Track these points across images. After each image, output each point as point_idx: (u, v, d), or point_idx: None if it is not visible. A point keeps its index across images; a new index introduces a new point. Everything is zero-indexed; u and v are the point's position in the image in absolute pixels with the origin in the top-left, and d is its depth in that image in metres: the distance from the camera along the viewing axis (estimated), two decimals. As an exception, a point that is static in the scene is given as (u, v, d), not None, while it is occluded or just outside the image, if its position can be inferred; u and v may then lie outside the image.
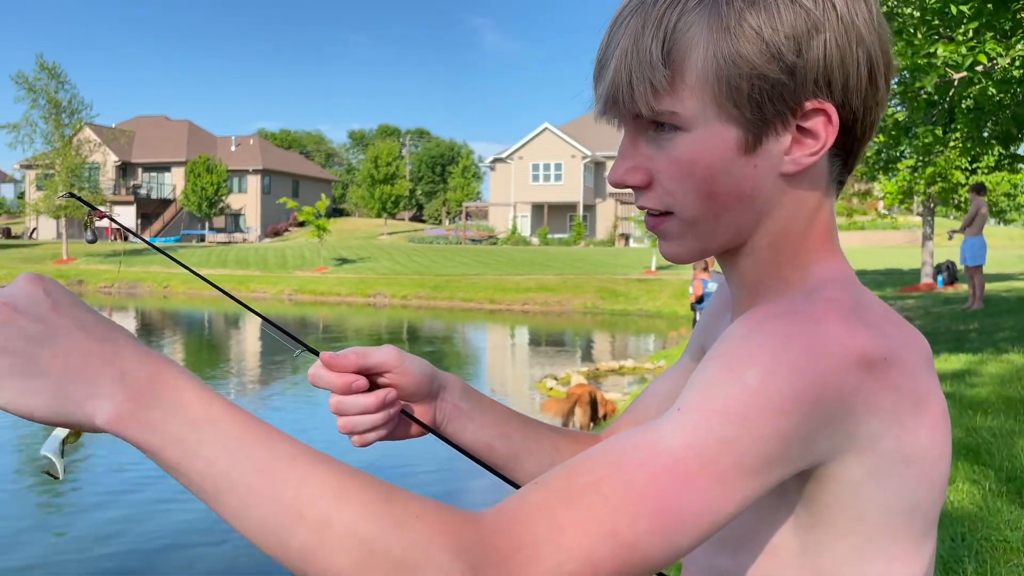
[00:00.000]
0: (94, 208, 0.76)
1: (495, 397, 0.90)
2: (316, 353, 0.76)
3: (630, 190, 0.70)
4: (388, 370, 0.78)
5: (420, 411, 0.82)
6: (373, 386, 0.78)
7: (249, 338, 19.98)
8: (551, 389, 11.42)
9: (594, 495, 0.53)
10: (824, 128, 0.63)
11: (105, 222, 0.80)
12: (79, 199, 0.80)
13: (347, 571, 0.49)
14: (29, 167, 48.57)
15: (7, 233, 52.42)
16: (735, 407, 0.54)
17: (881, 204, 24.81)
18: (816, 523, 0.61)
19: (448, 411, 0.83)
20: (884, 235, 43.66)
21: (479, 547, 0.50)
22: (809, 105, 0.62)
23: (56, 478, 0.57)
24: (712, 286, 10.21)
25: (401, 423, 0.81)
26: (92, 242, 0.67)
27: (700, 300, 10.19)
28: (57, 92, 36.88)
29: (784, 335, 0.57)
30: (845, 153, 0.67)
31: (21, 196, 56.92)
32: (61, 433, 0.56)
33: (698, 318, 10.32)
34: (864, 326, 0.59)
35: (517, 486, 0.81)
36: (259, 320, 0.84)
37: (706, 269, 10.53)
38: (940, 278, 18.49)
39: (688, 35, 0.61)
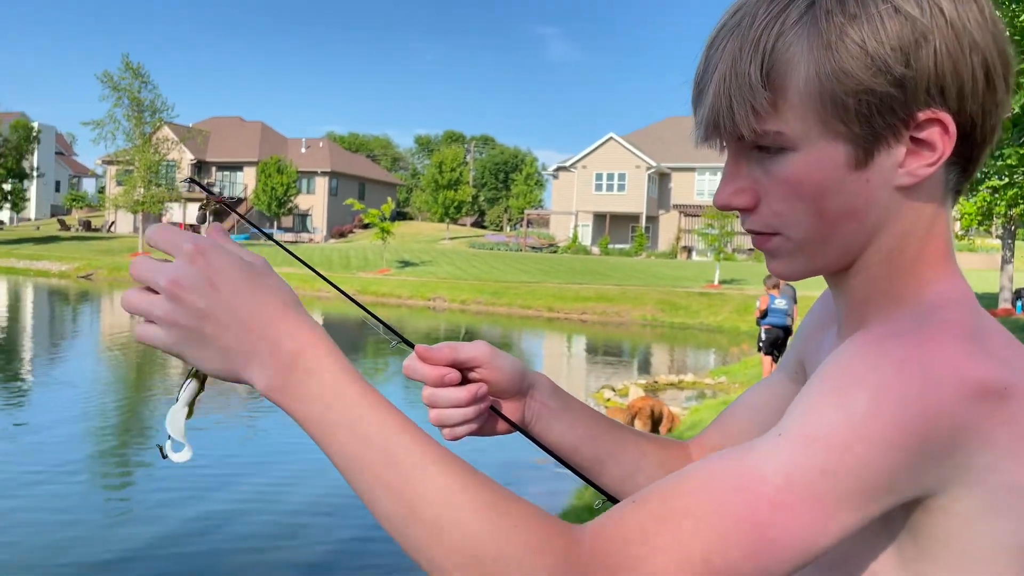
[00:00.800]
0: (211, 193, 0.79)
1: None
2: (411, 345, 0.77)
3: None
4: (480, 365, 0.78)
5: (509, 408, 0.81)
6: (465, 381, 0.78)
7: (335, 332, 20.32)
8: (608, 400, 11.31)
9: (689, 520, 0.53)
10: (940, 138, 0.60)
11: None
12: (199, 184, 0.82)
13: (451, 572, 0.53)
14: (110, 163, 50.59)
15: (87, 226, 54.67)
16: (838, 436, 0.53)
17: (958, 225, 23.91)
18: (921, 555, 0.59)
19: (537, 409, 0.82)
20: (961, 257, 42.11)
21: (576, 567, 0.52)
22: (922, 116, 0.60)
23: (164, 456, 0.61)
24: (780, 302, 9.98)
25: (490, 419, 0.81)
26: (202, 223, 0.68)
27: (764, 315, 9.97)
28: (140, 91, 38.36)
29: (895, 359, 0.55)
30: (964, 160, 0.64)
31: (102, 191, 59.26)
32: (181, 412, 0.61)
33: (763, 334, 10.06)
34: (984, 353, 0.56)
35: (600, 489, 0.83)
36: (354, 316, 0.90)
37: (776, 286, 10.29)
38: (1020, 304, 17.70)
39: (788, 55, 0.60)
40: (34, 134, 46.27)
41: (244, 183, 56.62)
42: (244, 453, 8.12)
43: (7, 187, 44.97)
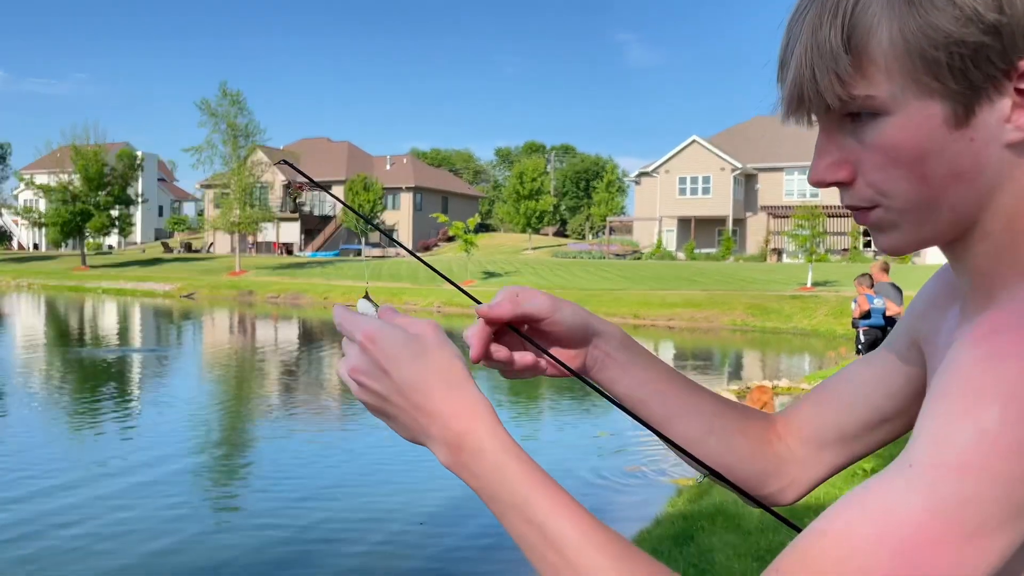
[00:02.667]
0: (303, 174, 0.85)
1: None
2: (477, 301, 0.79)
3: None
4: (542, 318, 0.77)
5: (569, 356, 0.80)
6: (522, 330, 0.79)
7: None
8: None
9: None
10: None
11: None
12: (290, 165, 0.87)
13: None
14: (208, 187, 53.06)
15: (188, 247, 57.43)
16: (974, 459, 0.49)
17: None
18: None
19: (600, 359, 0.81)
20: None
21: None
22: None
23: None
24: (878, 302, 9.56)
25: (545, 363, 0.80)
26: (296, 209, 0.75)
27: (866, 316, 9.56)
28: (237, 117, 40.12)
29: (1019, 358, 0.50)
30: None
31: (201, 214, 62.10)
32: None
33: (862, 336, 9.65)
34: None
35: (667, 440, 0.80)
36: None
37: (872, 285, 9.89)
38: None
39: (868, 16, 0.57)
40: (138, 162, 48.97)
41: (333, 202, 58.31)
42: (343, 469, 8.30)
43: (115, 213, 47.71)
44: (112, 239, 60.17)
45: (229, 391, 13.25)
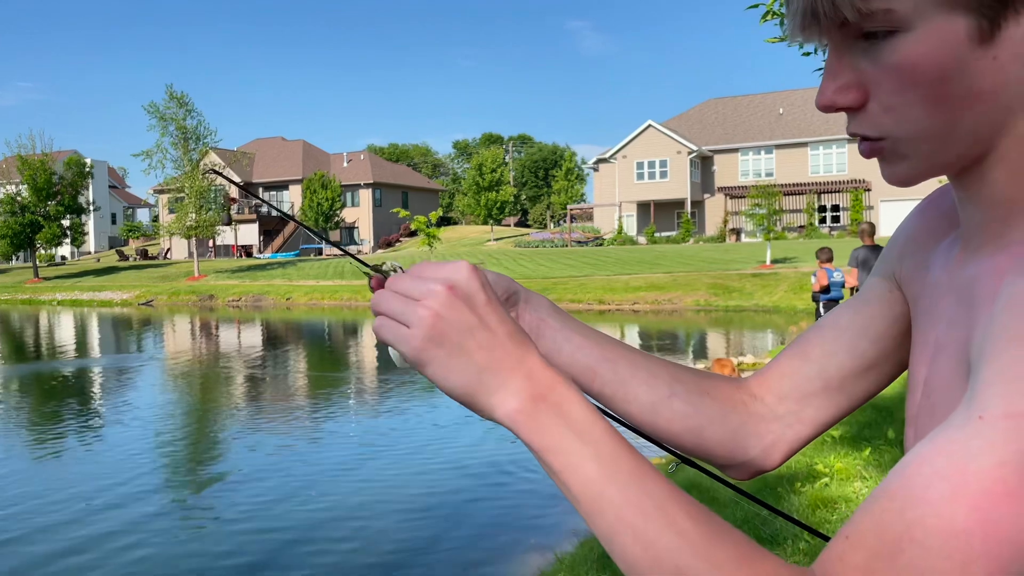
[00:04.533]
0: (238, 185, 0.79)
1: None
2: (378, 272, 0.68)
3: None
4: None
5: None
6: None
7: (366, 345, 20.62)
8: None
9: (914, 547, 0.46)
10: None
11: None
12: (220, 174, 0.83)
13: None
14: (161, 192, 52.03)
15: (144, 254, 56.31)
16: None
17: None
18: None
19: (536, 326, 0.74)
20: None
21: None
22: None
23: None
24: (837, 275, 9.75)
25: None
26: (228, 224, 0.70)
27: (826, 289, 9.75)
28: (186, 119, 39.37)
29: None
30: None
31: (155, 219, 60.94)
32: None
33: (822, 310, 9.86)
34: None
35: (620, 420, 0.74)
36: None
37: (830, 260, 10.08)
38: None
39: None
40: (87, 169, 47.82)
41: (291, 201, 57.66)
42: (313, 469, 8.24)
43: (66, 223, 46.56)
44: (65, 249, 58.77)
45: (195, 398, 13.06)
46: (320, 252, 52.10)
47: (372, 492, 6.88)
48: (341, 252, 0.64)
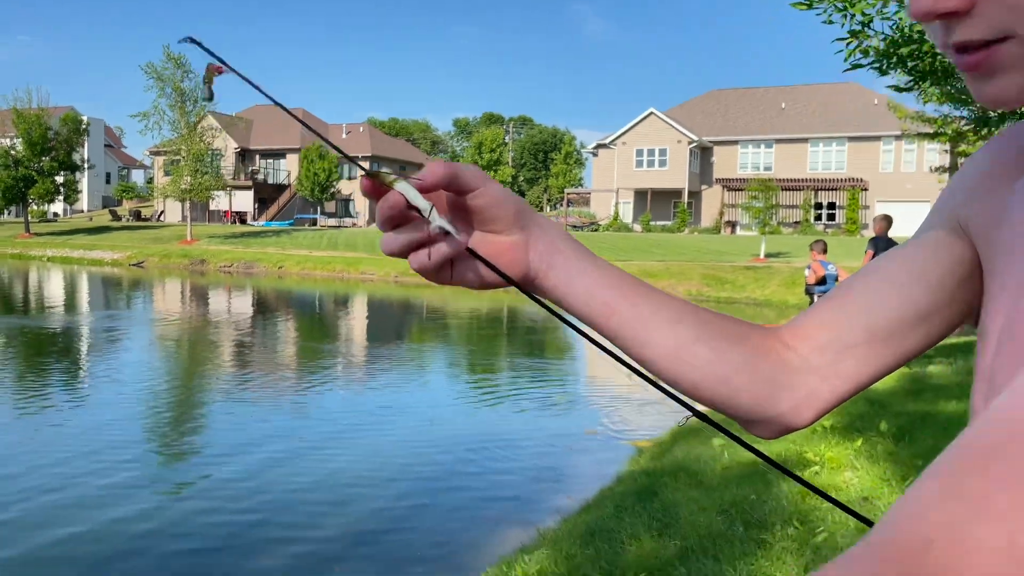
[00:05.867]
0: (217, 57, 0.66)
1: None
2: (363, 169, 0.67)
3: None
4: (473, 187, 0.62)
5: (508, 255, 0.65)
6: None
7: (356, 316, 20.55)
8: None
9: (1002, 495, 0.36)
10: None
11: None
12: (199, 44, 0.67)
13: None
14: (157, 153, 51.57)
15: (137, 216, 55.89)
16: None
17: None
18: None
19: (546, 256, 0.66)
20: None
21: None
22: None
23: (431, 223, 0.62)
24: (832, 268, 9.71)
25: (474, 266, 0.65)
26: (209, 100, 0.62)
27: (821, 282, 9.70)
28: (183, 81, 38.93)
29: None
30: None
31: (150, 181, 60.45)
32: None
33: (816, 302, 9.82)
34: None
35: (635, 369, 0.68)
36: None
37: (824, 252, 10.05)
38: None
39: None
40: (83, 127, 47.31)
41: (287, 170, 57.26)
42: (299, 435, 8.20)
43: (60, 179, 46.11)
44: (57, 207, 58.28)
45: (180, 362, 12.99)
46: (315, 223, 51.83)
47: (353, 465, 6.84)
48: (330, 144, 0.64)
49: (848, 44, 6.95)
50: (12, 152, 44.54)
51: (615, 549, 4.22)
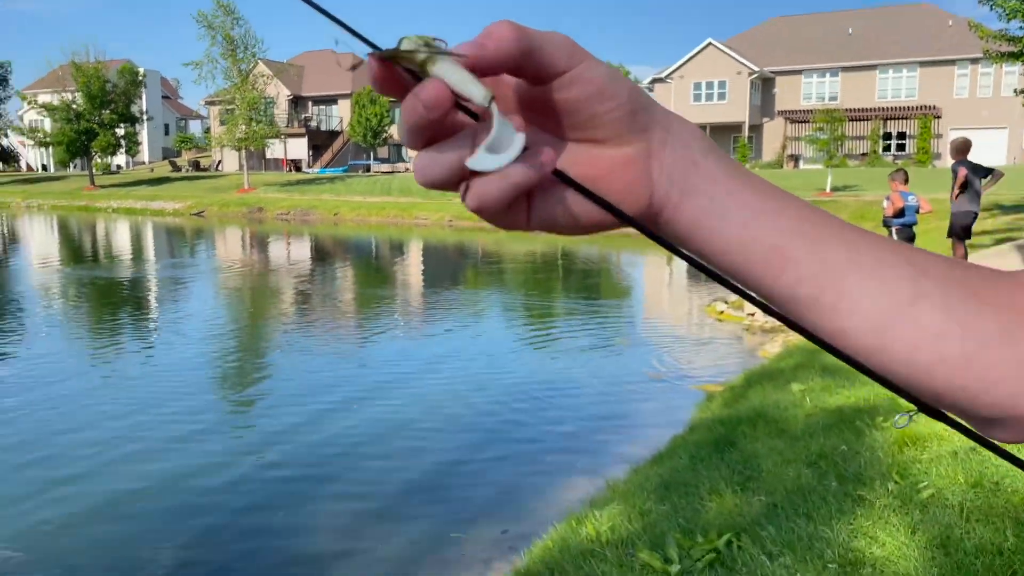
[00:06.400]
0: (350, 30, 0.43)
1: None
2: (374, 46, 0.40)
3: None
4: (559, 70, 0.40)
5: (620, 177, 0.43)
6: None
7: (411, 262, 20.45)
8: (722, 313, 10.78)
9: None
10: None
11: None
12: (329, 16, 0.45)
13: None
14: (212, 103, 51.93)
15: (196, 166, 56.75)
16: None
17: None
18: None
19: (681, 173, 0.43)
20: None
21: None
22: None
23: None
24: (912, 199, 9.04)
25: (569, 199, 0.42)
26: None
27: (900, 213, 9.03)
28: (232, 28, 38.77)
29: None
30: None
31: (207, 131, 61.14)
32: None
33: (894, 236, 9.16)
34: None
35: (829, 348, 0.43)
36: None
37: (906, 182, 9.36)
38: None
39: None
40: (140, 79, 47.84)
41: (339, 116, 57.13)
42: (350, 386, 8.11)
43: (120, 132, 46.92)
44: (120, 159, 59.50)
45: (243, 312, 13.06)
46: (368, 169, 51.82)
47: (411, 415, 6.70)
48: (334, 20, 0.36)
49: None
50: (73, 106, 45.37)
51: (693, 505, 3.93)
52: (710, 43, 44.60)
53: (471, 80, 0.37)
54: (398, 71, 0.39)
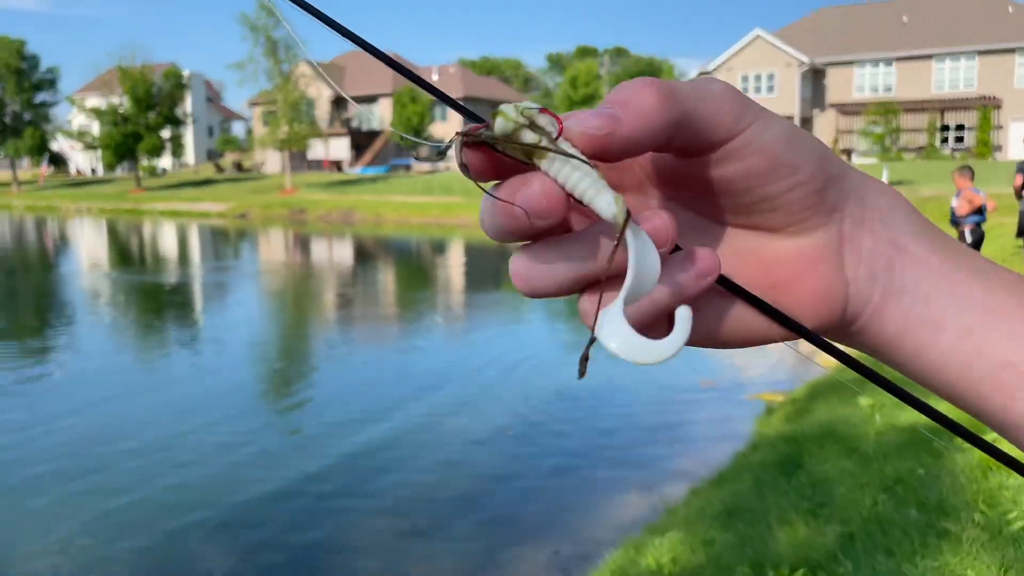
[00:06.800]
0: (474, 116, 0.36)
1: None
2: (478, 120, 0.33)
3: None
4: (721, 140, 0.31)
5: (808, 278, 0.33)
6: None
7: (454, 263, 20.28)
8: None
9: None
10: None
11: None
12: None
13: None
14: (255, 104, 52.50)
15: (239, 167, 57.49)
16: None
17: None
18: None
19: (885, 266, 0.34)
20: None
21: None
22: None
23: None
24: (983, 195, 8.43)
25: (733, 312, 0.34)
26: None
27: (979, 211, 8.41)
28: (274, 30, 39.09)
29: None
30: None
31: (250, 132, 61.90)
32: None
33: (968, 235, 8.56)
34: None
35: None
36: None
37: (972, 178, 8.79)
38: None
39: None
40: (184, 81, 48.54)
41: (381, 115, 57.38)
42: (392, 391, 7.93)
43: (166, 135, 47.70)
44: (165, 161, 60.54)
45: (286, 315, 13.01)
46: (408, 168, 51.93)
47: (458, 423, 6.47)
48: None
49: None
50: (120, 110, 46.21)
51: (761, 534, 3.62)
52: (758, 34, 43.65)
53: (597, 183, 0.29)
54: (496, 155, 0.31)
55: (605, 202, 0.28)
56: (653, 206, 0.33)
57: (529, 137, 0.29)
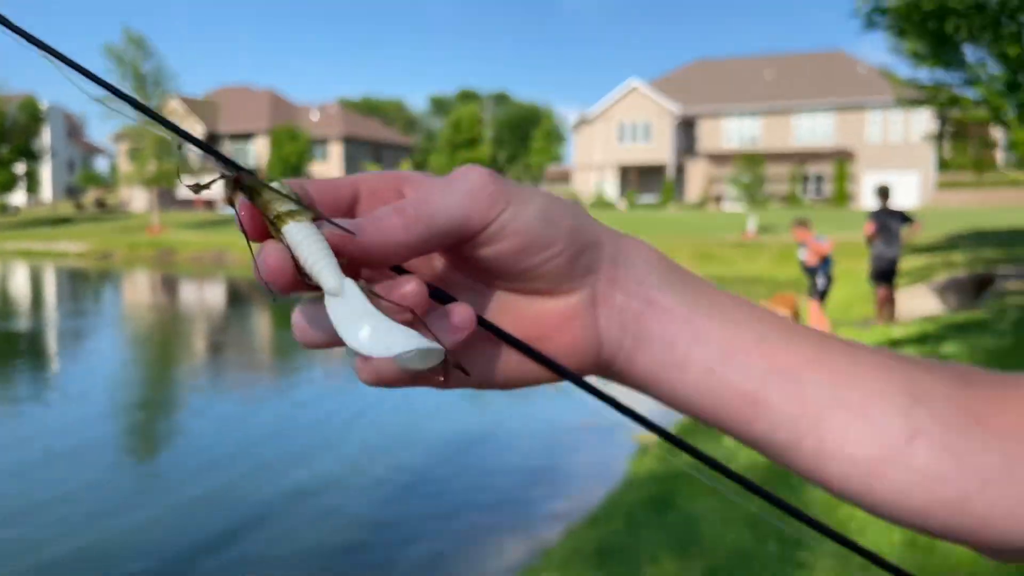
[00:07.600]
0: (233, 165, 0.36)
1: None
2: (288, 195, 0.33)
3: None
4: (474, 231, 0.36)
5: (566, 332, 0.38)
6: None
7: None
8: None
9: None
10: None
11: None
12: (212, 151, 0.37)
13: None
14: (121, 139, 50.07)
15: (101, 204, 54.43)
16: None
17: (1004, 156, 22.57)
18: None
19: (634, 317, 0.39)
20: (1006, 195, 39.99)
21: None
22: None
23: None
24: (826, 242, 8.77)
25: (503, 356, 0.38)
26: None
27: (825, 261, 8.66)
28: (143, 63, 37.53)
29: None
30: None
31: (114, 168, 58.92)
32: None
33: (820, 282, 8.79)
34: None
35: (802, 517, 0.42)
36: None
37: (810, 228, 8.98)
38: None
39: None
40: (42, 114, 45.73)
41: (257, 153, 55.98)
42: (277, 433, 7.54)
43: (20, 170, 44.59)
44: (18, 198, 56.62)
45: (150, 364, 12.24)
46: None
47: (326, 470, 6.18)
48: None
49: None
50: (-32, 142, 42.99)
51: (632, 573, 3.59)
52: (634, 86, 45.67)
53: (326, 260, 0.29)
54: (256, 216, 0.31)
55: (330, 278, 0.28)
56: (439, 273, 0.39)
57: (278, 205, 0.28)
